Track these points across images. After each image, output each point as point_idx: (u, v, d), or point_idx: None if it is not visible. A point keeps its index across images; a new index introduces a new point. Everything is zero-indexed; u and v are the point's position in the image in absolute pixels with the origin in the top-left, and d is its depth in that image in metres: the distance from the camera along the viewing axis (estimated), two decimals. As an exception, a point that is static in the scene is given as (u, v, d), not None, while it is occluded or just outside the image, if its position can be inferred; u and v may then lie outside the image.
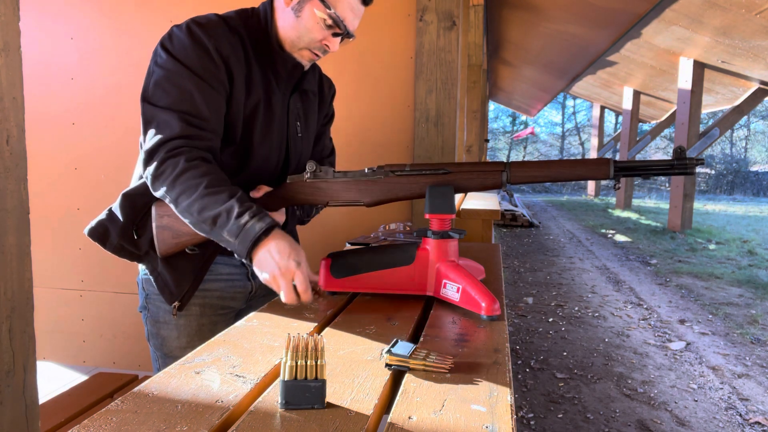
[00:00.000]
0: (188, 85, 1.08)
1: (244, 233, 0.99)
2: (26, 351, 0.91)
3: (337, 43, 1.19)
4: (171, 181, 1.04)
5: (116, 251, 1.20)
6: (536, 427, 2.60)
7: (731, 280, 6.03)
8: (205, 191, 1.02)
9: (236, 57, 1.15)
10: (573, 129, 35.65)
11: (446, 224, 1.10)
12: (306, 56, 1.21)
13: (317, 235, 2.39)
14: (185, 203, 1.03)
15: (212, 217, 1.01)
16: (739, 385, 3.18)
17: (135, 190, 1.19)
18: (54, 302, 2.71)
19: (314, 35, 1.16)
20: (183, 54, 1.08)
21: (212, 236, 1.04)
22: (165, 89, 1.08)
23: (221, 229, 1.00)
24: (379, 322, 0.98)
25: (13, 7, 0.86)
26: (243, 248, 0.99)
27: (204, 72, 1.09)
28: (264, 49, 1.20)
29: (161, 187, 1.06)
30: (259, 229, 0.99)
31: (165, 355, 1.28)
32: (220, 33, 1.12)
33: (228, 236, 1.00)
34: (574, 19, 8.07)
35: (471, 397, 0.67)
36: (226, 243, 1.02)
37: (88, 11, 2.52)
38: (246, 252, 0.99)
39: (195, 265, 1.20)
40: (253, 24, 1.19)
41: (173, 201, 1.05)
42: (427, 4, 2.22)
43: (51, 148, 2.62)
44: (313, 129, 1.39)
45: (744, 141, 29.60)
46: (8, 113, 0.87)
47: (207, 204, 1.01)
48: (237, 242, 0.99)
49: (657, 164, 1.06)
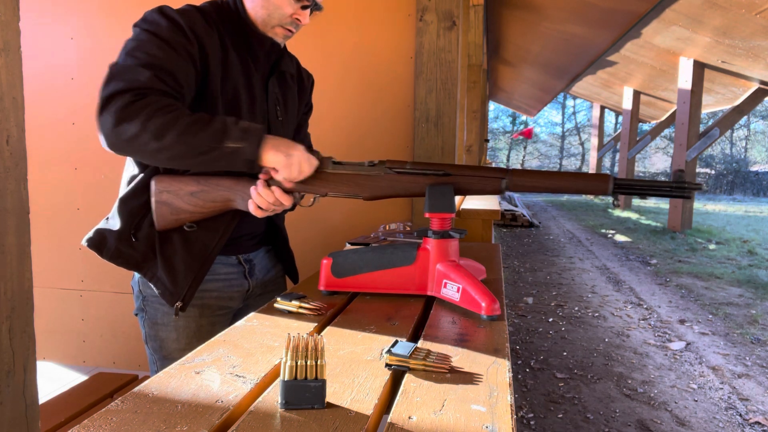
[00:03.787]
0: (159, 52, 1.06)
1: (249, 133, 1.03)
2: (26, 351, 0.91)
3: (308, 16, 1.22)
4: (147, 114, 1.00)
5: (113, 258, 1.19)
6: (536, 427, 2.60)
7: (731, 280, 6.03)
8: (191, 118, 1.02)
9: (211, 39, 1.15)
10: (573, 129, 35.65)
11: (446, 224, 1.10)
12: (280, 33, 1.23)
13: (317, 235, 2.39)
14: (174, 133, 1.00)
15: (211, 134, 1.02)
16: (739, 385, 3.18)
17: (129, 194, 1.19)
18: (54, 302, 2.71)
19: (284, 10, 1.19)
20: (155, 27, 1.09)
21: (213, 156, 1.04)
22: (134, 55, 1.06)
23: (225, 140, 1.02)
24: (379, 322, 0.98)
25: (13, 7, 0.86)
26: (254, 145, 1.04)
27: (175, 43, 1.09)
28: (239, 34, 1.22)
29: (130, 129, 0.99)
30: (262, 128, 1.05)
31: (164, 357, 1.27)
32: (194, 16, 1.14)
33: (234, 143, 1.02)
34: (574, 19, 8.07)
35: (471, 397, 0.67)
36: (232, 152, 1.03)
37: (88, 11, 2.52)
38: (255, 147, 1.04)
39: (195, 265, 1.20)
40: (225, 12, 1.22)
41: (153, 137, 1.00)
42: (427, 4, 2.22)
43: (51, 148, 2.62)
44: (292, 114, 1.39)
45: (744, 141, 29.60)
46: (8, 113, 0.87)
47: (200, 127, 1.02)
48: (247, 144, 1.03)
49: (656, 185, 1.07)
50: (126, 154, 1.08)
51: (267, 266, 1.42)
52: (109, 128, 1.01)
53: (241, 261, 1.32)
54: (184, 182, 1.15)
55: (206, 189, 1.15)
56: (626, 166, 14.41)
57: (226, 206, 1.17)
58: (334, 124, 2.37)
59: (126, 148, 1.04)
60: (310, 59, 1.65)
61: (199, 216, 1.17)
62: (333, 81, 2.36)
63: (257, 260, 1.37)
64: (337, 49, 2.35)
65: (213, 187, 1.15)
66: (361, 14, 2.32)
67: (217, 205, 1.17)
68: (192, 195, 1.15)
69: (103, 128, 1.02)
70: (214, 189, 1.15)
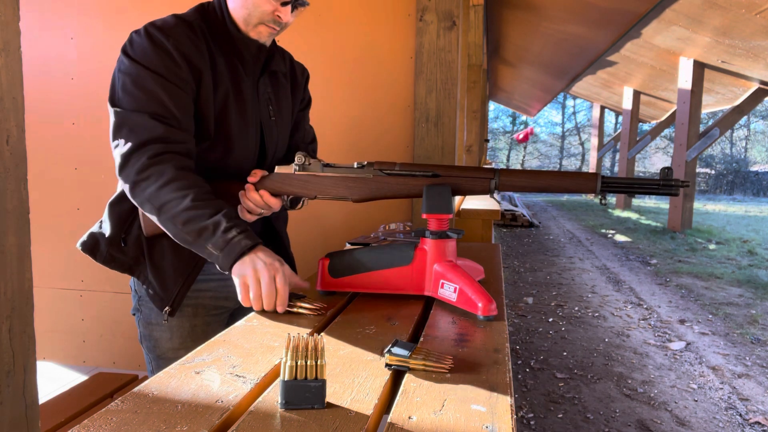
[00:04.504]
0: (153, 86, 1.08)
1: (230, 247, 1.00)
2: (26, 351, 0.91)
3: (289, 13, 1.17)
4: (155, 189, 1.04)
5: (107, 262, 1.21)
6: (536, 427, 2.60)
7: (731, 280, 6.03)
8: (191, 204, 1.03)
9: (198, 53, 1.14)
10: (573, 129, 35.65)
11: (444, 224, 1.10)
12: (264, 32, 1.20)
13: (316, 235, 2.39)
14: (169, 214, 1.03)
15: (197, 230, 1.02)
16: (739, 385, 3.18)
17: (117, 198, 1.20)
18: (54, 302, 2.71)
19: (263, 8, 1.15)
20: (144, 57, 1.09)
21: (193, 248, 1.04)
22: (131, 93, 1.07)
23: (206, 242, 1.01)
24: (379, 322, 0.98)
25: (13, 7, 0.86)
26: (227, 261, 1.00)
27: (167, 72, 1.09)
28: (225, 38, 1.20)
29: (142, 194, 1.05)
30: (245, 245, 1.00)
31: (158, 357, 1.27)
32: (178, 32, 1.13)
33: (212, 249, 1.01)
34: (574, 19, 8.07)
35: (471, 397, 0.67)
36: (209, 254, 1.02)
37: (88, 11, 2.52)
38: (230, 264, 1.00)
39: (184, 269, 1.20)
40: (210, 16, 1.20)
41: (155, 210, 1.05)
42: (427, 4, 2.22)
43: (51, 148, 2.62)
44: (286, 113, 1.37)
45: (744, 141, 29.61)
46: (8, 113, 0.87)
47: (193, 217, 1.02)
48: (222, 255, 1.00)
49: (643, 182, 1.07)
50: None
51: None
52: (129, 190, 1.08)
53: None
54: None
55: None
56: (626, 166, 14.41)
57: None
58: (334, 124, 2.37)
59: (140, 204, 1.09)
60: (310, 59, 1.65)
61: None
62: (333, 81, 2.36)
63: None
64: (337, 49, 2.35)
65: None
66: (361, 14, 2.32)
67: None
68: None
69: (125, 186, 1.09)
70: None
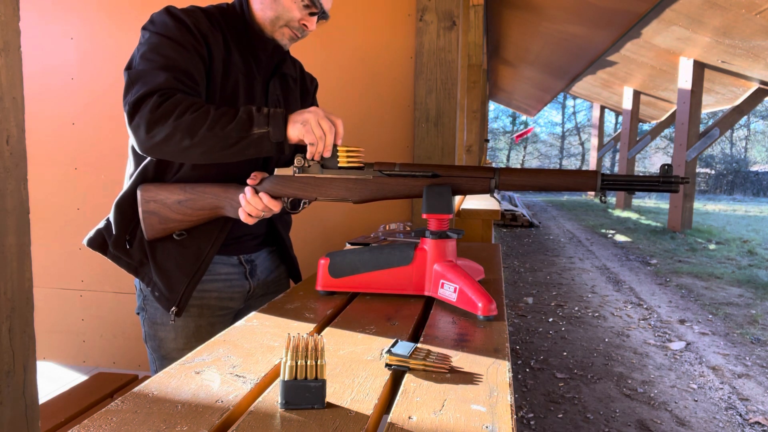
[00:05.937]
0: (172, 53, 1.10)
1: (272, 118, 1.06)
2: (26, 351, 0.91)
3: (314, 23, 1.23)
4: (177, 114, 1.03)
5: (115, 259, 1.23)
6: (536, 427, 2.60)
7: (731, 280, 6.03)
8: (216, 113, 1.05)
9: (214, 38, 1.18)
10: (573, 129, 35.66)
11: (444, 224, 1.10)
12: (287, 34, 1.24)
13: (317, 235, 2.39)
14: (203, 128, 1.04)
15: (237, 126, 1.05)
16: (739, 385, 3.18)
17: (124, 198, 1.20)
18: (54, 302, 2.71)
19: (293, 14, 1.20)
20: (163, 28, 1.12)
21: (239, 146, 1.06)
22: (149, 58, 1.09)
23: (250, 129, 1.05)
24: (379, 322, 0.98)
25: (13, 7, 0.86)
26: (279, 129, 1.06)
27: (185, 42, 1.12)
28: (243, 36, 1.23)
29: (164, 126, 1.03)
30: (281, 112, 1.07)
31: (162, 356, 1.27)
32: (198, 15, 1.17)
33: (258, 129, 1.05)
34: (574, 19, 8.07)
35: (471, 397, 0.67)
36: (258, 139, 1.06)
37: (88, 11, 2.52)
38: (283, 129, 1.06)
39: (190, 269, 1.20)
40: (230, 13, 1.24)
41: (187, 132, 1.03)
42: (427, 4, 2.22)
43: (51, 148, 2.62)
44: None
45: (744, 141, 29.62)
46: (8, 113, 0.87)
47: (225, 120, 1.05)
48: (271, 127, 1.05)
49: (643, 180, 1.07)
50: (160, 156, 1.10)
51: (269, 267, 1.41)
52: (144, 134, 1.04)
53: (242, 261, 1.32)
54: (170, 191, 1.16)
55: (193, 197, 1.15)
56: (626, 166, 14.41)
57: (214, 213, 1.17)
58: (334, 124, 2.37)
59: (160, 150, 1.07)
60: (311, 59, 1.65)
61: (188, 224, 1.17)
62: (333, 81, 2.36)
63: (259, 261, 1.37)
64: (338, 49, 2.35)
65: (200, 195, 1.15)
66: (361, 14, 2.32)
67: (205, 213, 1.17)
68: (179, 203, 1.15)
69: (137, 135, 1.05)
70: (201, 197, 1.15)
